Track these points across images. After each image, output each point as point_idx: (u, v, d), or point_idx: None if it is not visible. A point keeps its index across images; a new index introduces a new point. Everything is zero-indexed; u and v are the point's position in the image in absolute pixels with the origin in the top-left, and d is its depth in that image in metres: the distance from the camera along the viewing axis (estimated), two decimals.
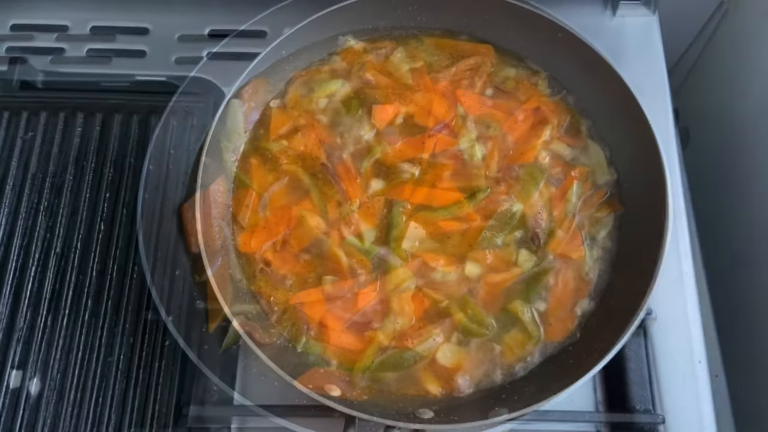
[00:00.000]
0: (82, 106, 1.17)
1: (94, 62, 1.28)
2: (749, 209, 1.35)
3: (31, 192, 1.11)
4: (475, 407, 0.92)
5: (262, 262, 1.02)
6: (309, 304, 1.00)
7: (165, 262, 1.06)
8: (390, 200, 1.05)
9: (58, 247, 1.08)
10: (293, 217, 1.04)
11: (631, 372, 1.01)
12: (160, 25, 1.31)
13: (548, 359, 0.97)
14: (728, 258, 1.39)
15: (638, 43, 1.28)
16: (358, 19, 1.15)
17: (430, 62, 1.15)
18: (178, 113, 1.17)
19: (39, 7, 1.32)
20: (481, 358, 0.97)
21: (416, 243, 1.02)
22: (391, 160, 1.07)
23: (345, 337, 0.97)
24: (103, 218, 1.10)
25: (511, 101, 1.12)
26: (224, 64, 1.26)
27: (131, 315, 1.04)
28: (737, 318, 1.34)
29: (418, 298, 0.99)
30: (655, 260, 0.94)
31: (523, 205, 1.04)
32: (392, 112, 1.10)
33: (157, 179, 1.12)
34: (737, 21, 1.42)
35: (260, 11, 1.29)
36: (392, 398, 0.95)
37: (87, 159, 1.14)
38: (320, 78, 1.14)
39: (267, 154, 1.10)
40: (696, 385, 1.03)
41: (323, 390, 0.91)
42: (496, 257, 1.01)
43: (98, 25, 1.31)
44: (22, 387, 0.99)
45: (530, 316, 0.98)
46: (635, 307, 0.92)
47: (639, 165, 1.03)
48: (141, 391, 0.99)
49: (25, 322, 1.03)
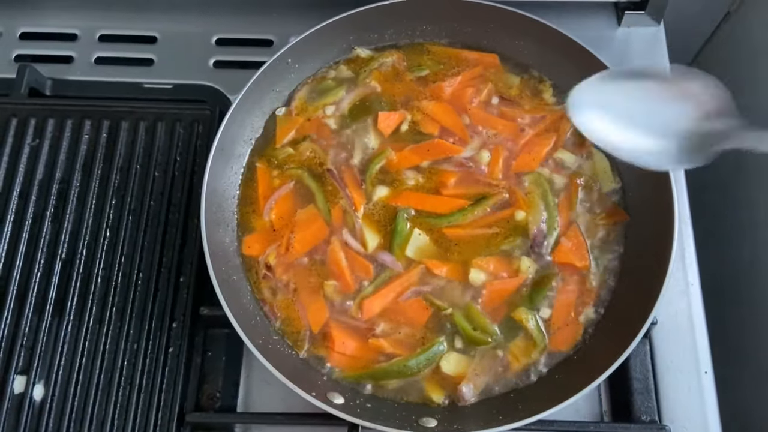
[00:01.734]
0: (89, 113, 1.18)
1: (102, 70, 1.29)
2: (753, 216, 1.34)
3: (37, 198, 1.12)
4: (479, 416, 0.92)
5: (264, 267, 1.02)
6: (312, 310, 0.99)
7: (170, 268, 1.07)
8: (394, 207, 1.05)
9: (63, 253, 1.08)
10: (298, 221, 1.04)
11: (637, 382, 1.01)
12: (168, 33, 1.32)
13: (553, 368, 0.97)
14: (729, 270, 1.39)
15: (644, 53, 1.28)
16: (364, 28, 1.16)
17: (435, 71, 1.15)
18: (185, 120, 1.17)
19: (48, 16, 1.34)
20: (486, 366, 0.96)
21: (420, 250, 1.02)
22: (396, 166, 1.08)
23: (348, 344, 0.97)
24: (108, 225, 1.10)
25: (516, 110, 1.12)
26: (231, 72, 1.27)
27: (135, 321, 1.04)
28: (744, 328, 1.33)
29: (422, 306, 0.99)
30: (661, 269, 0.93)
31: (527, 213, 1.04)
32: (397, 119, 1.10)
33: (162, 185, 1.12)
34: (742, 31, 1.42)
35: (267, 20, 1.31)
36: (395, 406, 0.94)
37: (93, 166, 1.14)
38: (326, 85, 1.15)
39: (273, 160, 1.10)
40: (702, 396, 1.02)
41: (326, 398, 0.90)
42: (500, 264, 1.01)
43: (107, 33, 1.33)
44: (26, 392, 0.99)
45: (535, 323, 0.97)
46: (641, 317, 0.91)
47: (644, 173, 1.02)
48: (144, 397, 0.99)
49: (30, 327, 1.03)
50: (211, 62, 1.29)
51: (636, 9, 1.27)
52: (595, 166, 1.08)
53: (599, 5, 1.31)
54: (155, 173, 1.14)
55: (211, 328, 1.04)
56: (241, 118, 1.09)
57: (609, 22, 1.31)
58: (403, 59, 1.16)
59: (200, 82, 1.26)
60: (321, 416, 0.96)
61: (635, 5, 1.27)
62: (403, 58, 1.16)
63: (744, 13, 1.41)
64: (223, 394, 1.02)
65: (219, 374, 1.03)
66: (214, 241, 0.99)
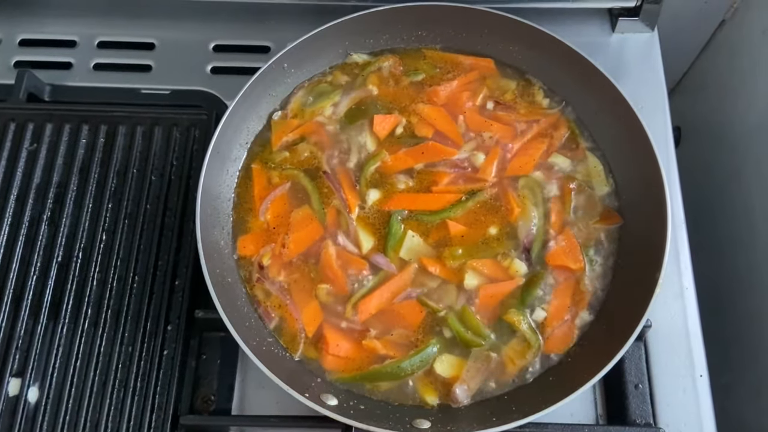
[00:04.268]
0: (87, 117, 1.19)
1: (101, 76, 1.30)
2: (750, 223, 1.34)
3: (34, 201, 1.12)
4: (473, 417, 0.92)
5: (257, 268, 1.02)
6: (306, 312, 1.00)
7: (165, 272, 1.07)
8: (388, 209, 1.05)
9: (59, 256, 1.08)
10: (292, 222, 1.05)
11: (632, 386, 1.01)
12: (166, 40, 1.33)
13: (548, 371, 0.97)
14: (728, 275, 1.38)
15: (638, 59, 1.29)
16: (359, 33, 1.17)
17: (431, 74, 1.16)
18: (182, 125, 1.18)
19: (47, 23, 1.35)
20: (480, 368, 0.96)
21: (414, 252, 1.02)
22: (390, 169, 1.08)
23: (342, 346, 0.97)
24: (105, 228, 1.11)
25: (511, 114, 1.13)
26: (228, 79, 1.28)
27: (130, 324, 1.04)
28: (742, 336, 1.33)
29: (416, 308, 0.99)
30: (655, 272, 0.93)
31: (520, 216, 1.04)
32: (393, 122, 1.11)
33: (159, 189, 1.13)
34: (738, 39, 1.43)
35: (264, 27, 1.32)
36: (389, 408, 0.94)
37: (90, 170, 1.15)
38: (322, 89, 1.16)
39: (269, 163, 1.11)
40: (697, 400, 1.02)
41: (320, 399, 0.90)
42: (494, 267, 1.01)
43: (105, 40, 1.34)
44: (21, 395, 0.99)
45: (527, 325, 0.97)
46: (635, 319, 0.91)
47: (638, 177, 1.03)
48: (139, 400, 0.99)
49: (25, 330, 1.03)
50: (208, 68, 1.30)
51: (630, 15, 1.28)
52: (589, 169, 1.08)
53: (593, 12, 1.32)
54: (152, 177, 1.14)
55: (206, 331, 1.04)
56: (237, 122, 1.09)
57: (603, 28, 1.32)
58: (399, 63, 1.17)
59: (197, 87, 1.27)
60: (315, 419, 0.96)
61: (629, 11, 1.28)
62: (399, 62, 1.17)
63: (739, 21, 1.42)
64: (217, 397, 1.02)
65: (214, 378, 1.03)
66: (209, 242, 0.99)
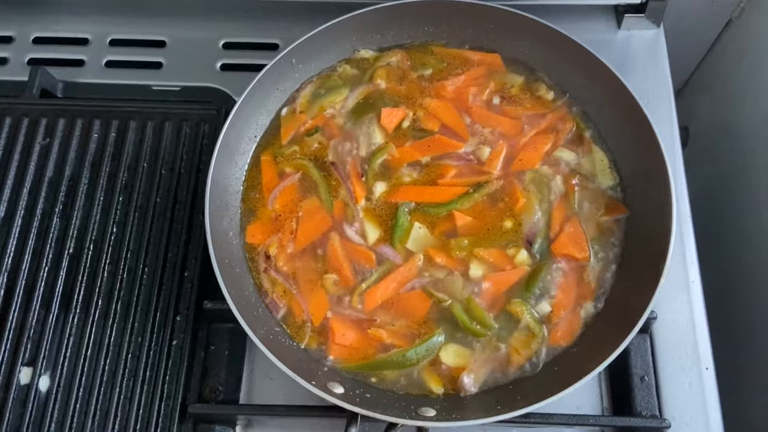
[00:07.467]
0: (98, 113, 1.20)
1: (113, 73, 1.32)
2: (757, 219, 1.34)
3: (47, 195, 1.14)
4: (478, 406, 0.92)
5: (263, 258, 1.03)
6: (312, 302, 1.01)
7: (174, 264, 1.09)
8: (395, 201, 1.06)
9: (71, 249, 1.10)
10: (301, 212, 1.06)
11: (638, 378, 1.01)
12: (176, 37, 1.35)
13: (553, 360, 0.97)
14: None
15: (644, 56, 1.30)
16: (367, 29, 1.18)
17: (439, 69, 1.17)
18: (191, 120, 1.20)
19: (61, 21, 1.38)
20: (486, 357, 0.97)
21: (420, 243, 1.03)
22: (397, 161, 1.09)
23: (348, 335, 0.98)
24: (115, 221, 1.12)
25: (518, 108, 1.14)
26: (237, 75, 1.30)
27: (140, 315, 1.05)
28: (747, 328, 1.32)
29: (422, 298, 1.00)
30: (660, 263, 0.94)
31: (526, 207, 1.05)
32: (400, 116, 1.12)
33: (169, 183, 1.15)
34: (745, 38, 1.43)
35: (273, 24, 1.34)
36: (395, 396, 0.95)
37: (102, 164, 1.16)
38: (332, 83, 1.17)
39: (278, 157, 1.12)
40: (703, 392, 1.02)
41: (326, 387, 0.91)
42: (499, 257, 1.02)
43: (117, 38, 1.36)
44: (32, 384, 1.00)
45: (531, 315, 0.98)
46: (639, 310, 0.91)
47: (643, 169, 1.04)
48: (148, 389, 1.00)
49: (37, 320, 1.05)
50: (218, 65, 1.32)
51: (636, 12, 1.29)
52: (595, 162, 1.09)
53: (599, 8, 1.33)
54: (162, 171, 1.16)
55: (215, 322, 1.05)
56: (245, 115, 1.11)
57: (609, 25, 1.32)
58: (407, 58, 1.18)
59: (207, 84, 1.29)
60: (322, 408, 0.97)
61: (635, 8, 1.29)
62: (407, 57, 1.18)
63: (746, 20, 1.43)
64: (225, 387, 1.03)
65: (222, 368, 1.04)
66: (218, 232, 1.01)
